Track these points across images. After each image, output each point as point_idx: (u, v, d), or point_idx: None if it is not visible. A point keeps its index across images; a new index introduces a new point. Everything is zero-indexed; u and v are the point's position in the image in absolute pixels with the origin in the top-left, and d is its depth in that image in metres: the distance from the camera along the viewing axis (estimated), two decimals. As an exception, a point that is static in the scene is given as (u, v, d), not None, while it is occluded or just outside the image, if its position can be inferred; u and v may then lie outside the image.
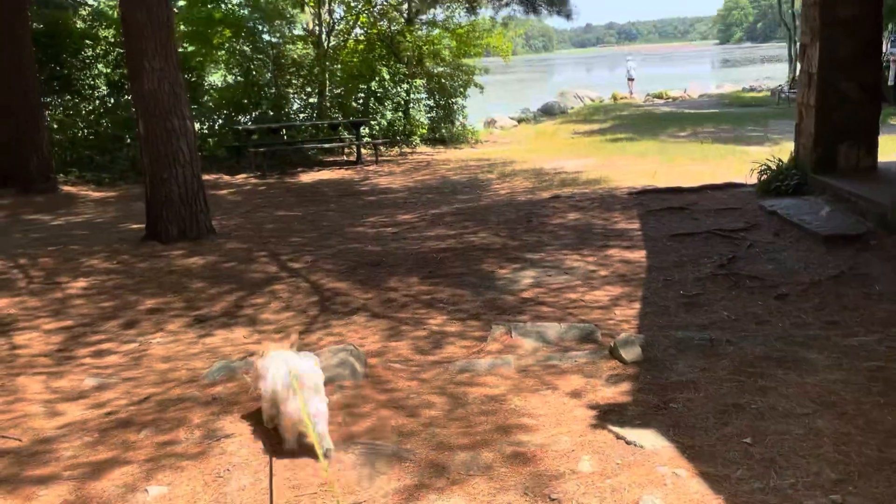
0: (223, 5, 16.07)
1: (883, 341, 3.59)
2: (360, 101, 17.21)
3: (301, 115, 16.96)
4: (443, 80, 18.03)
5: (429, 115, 17.84)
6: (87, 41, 13.64)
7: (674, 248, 6.52)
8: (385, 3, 17.53)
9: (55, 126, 13.15)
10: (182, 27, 14.94)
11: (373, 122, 16.49)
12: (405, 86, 17.11)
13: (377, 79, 16.82)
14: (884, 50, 16.81)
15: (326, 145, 15.57)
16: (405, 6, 17.72)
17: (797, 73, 27.65)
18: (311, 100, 17.29)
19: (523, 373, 3.59)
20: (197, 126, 15.42)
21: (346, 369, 3.57)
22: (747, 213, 7.53)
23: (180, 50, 13.37)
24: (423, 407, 3.23)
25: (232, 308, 5.62)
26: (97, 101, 13.91)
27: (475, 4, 10.76)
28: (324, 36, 17.23)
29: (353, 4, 18.24)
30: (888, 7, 14.67)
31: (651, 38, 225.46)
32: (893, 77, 18.50)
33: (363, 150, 15.18)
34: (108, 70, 13.71)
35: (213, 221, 8.45)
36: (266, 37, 16.91)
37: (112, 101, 13.95)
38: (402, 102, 17.16)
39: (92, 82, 13.64)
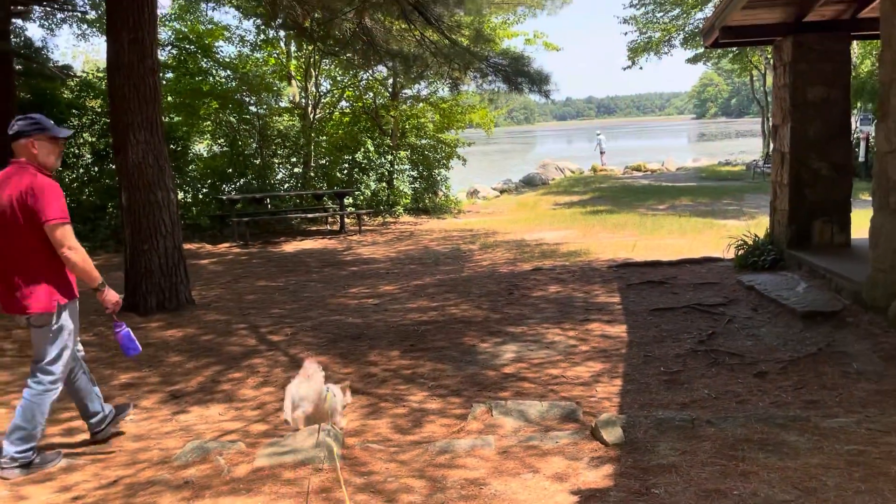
0: (211, 78, 16.41)
1: (862, 423, 3.58)
2: (345, 171, 17.45)
3: (286, 185, 17.13)
4: (426, 152, 18.37)
5: (412, 185, 18.10)
6: (74, 111, 13.80)
7: (654, 322, 6.55)
8: (370, 77, 17.97)
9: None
10: (169, 98, 15.19)
11: (357, 193, 16.68)
12: (389, 157, 17.40)
13: (361, 150, 17.10)
14: (854, 127, 17.41)
15: (310, 215, 15.67)
16: (390, 81, 18.17)
17: (771, 148, 28.42)
18: (296, 170, 17.49)
19: (504, 454, 3.53)
20: (181, 195, 15.51)
21: (322, 451, 3.49)
22: (726, 288, 7.61)
23: (166, 119, 13.56)
24: (402, 491, 3.16)
25: (209, 383, 5.52)
26: (81, 170, 13.96)
27: (458, 81, 11.03)
28: (310, 108, 17.58)
29: (339, 79, 18.70)
30: (855, 88, 15.30)
31: (630, 112, 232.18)
32: (864, 153, 19.10)
33: (347, 220, 15.28)
34: (94, 139, 13.82)
35: (193, 292, 8.39)
36: (253, 108, 17.22)
37: (96, 169, 14.00)
38: (386, 173, 17.42)
39: (77, 151, 13.73)
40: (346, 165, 17.55)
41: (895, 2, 5.35)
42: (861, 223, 8.27)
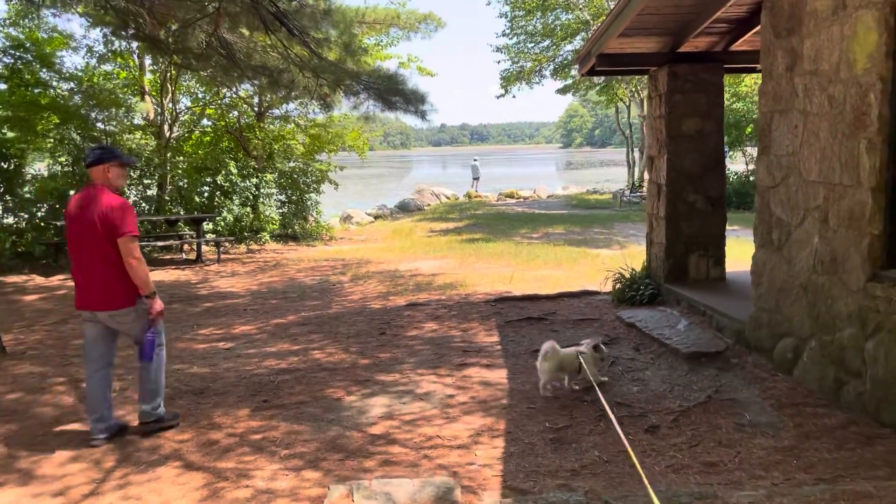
0: (52, 90, 14.69)
1: (772, 496, 3.17)
2: (205, 194, 16.13)
3: (136, 209, 15.54)
4: (295, 176, 17.38)
5: (280, 210, 17.03)
6: None
7: (535, 366, 6.04)
8: (234, 95, 16.83)
9: None
10: (0, 111, 13.41)
11: (218, 218, 15.42)
12: (254, 180, 16.28)
13: (223, 172, 15.88)
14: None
15: (161, 243, 14.26)
16: (256, 99, 17.10)
17: (636, 178, 29.51)
18: (149, 192, 15.98)
19: (365, 562, 2.81)
20: (11, 220, 13.68)
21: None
22: (606, 325, 7.29)
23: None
24: None
25: (3, 459, 4.42)
26: None
27: (328, 99, 10.27)
28: (166, 126, 16.17)
29: (200, 96, 17.41)
30: (727, 123, 15.88)
31: (501, 139, 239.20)
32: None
33: (205, 248, 14.01)
34: None
35: (8, 337, 7.11)
36: (100, 125, 15.58)
37: None
38: (251, 197, 16.27)
39: None
40: (207, 188, 16.24)
41: (776, 32, 5.20)
42: (731, 254, 8.29)
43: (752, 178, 22.28)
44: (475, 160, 38.40)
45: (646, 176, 28.15)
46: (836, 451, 3.90)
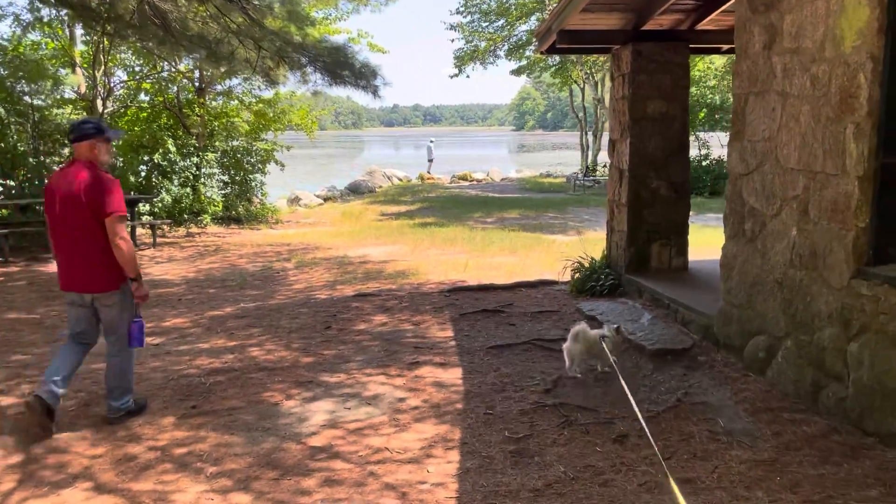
0: (-30, 60, 13.59)
1: (764, 525, 2.81)
2: (143, 174, 15.22)
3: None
4: (238, 155, 16.57)
5: (222, 191, 16.21)
6: None
7: (492, 364, 5.64)
8: (174, 69, 15.89)
9: None
10: None
11: (156, 199, 14.55)
12: (195, 159, 15.43)
13: (161, 150, 14.99)
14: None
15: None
16: (196, 74, 16.19)
17: (589, 161, 29.37)
18: (80, 171, 14.95)
19: None
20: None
21: None
22: (565, 317, 6.92)
23: None
24: None
25: None
26: None
27: (273, 75, 9.60)
28: (99, 101, 15.17)
29: (136, 69, 16.42)
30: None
31: (454, 121, 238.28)
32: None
33: (140, 231, 13.18)
34: None
35: None
36: (27, 98, 14.50)
37: None
38: (192, 177, 15.42)
39: None
40: (144, 168, 15.33)
41: (753, 7, 4.83)
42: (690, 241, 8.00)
43: (704, 164, 22.31)
44: (431, 141, 37.83)
45: (600, 158, 28.05)
46: (821, 466, 3.58)
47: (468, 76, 28.66)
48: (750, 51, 4.91)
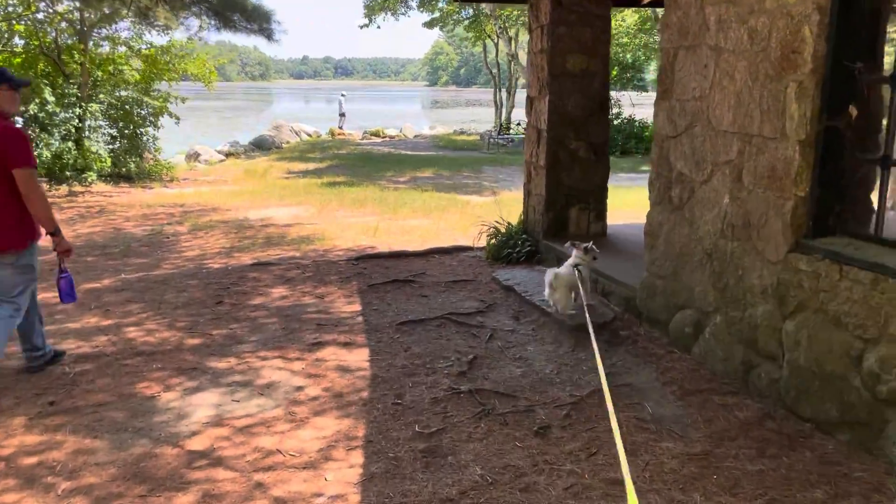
0: None
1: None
2: (18, 126, 13.67)
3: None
4: (127, 107, 15.18)
5: (110, 146, 14.84)
6: None
7: (402, 343, 5.14)
8: (50, 10, 14.27)
9: None
10: None
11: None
12: (77, 111, 13.99)
13: (38, 101, 13.49)
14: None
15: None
16: (76, 16, 14.60)
17: (503, 119, 28.97)
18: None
19: None
20: None
21: None
22: (481, 288, 6.50)
23: None
24: None
25: None
26: None
27: (152, 16, 8.54)
28: (-39, 43, 13.47)
29: (9, 9, 14.64)
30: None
31: (367, 75, 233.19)
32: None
33: (13, 191, 11.83)
34: None
35: None
36: None
37: None
38: (74, 130, 14.00)
39: None
40: (20, 120, 13.77)
41: (687, -48, 4.39)
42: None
43: (615, 123, 22.33)
44: (343, 95, 36.50)
45: (514, 116, 27.68)
46: (759, 460, 3.29)
47: (379, 27, 27.44)
48: (681, 1, 4.48)
